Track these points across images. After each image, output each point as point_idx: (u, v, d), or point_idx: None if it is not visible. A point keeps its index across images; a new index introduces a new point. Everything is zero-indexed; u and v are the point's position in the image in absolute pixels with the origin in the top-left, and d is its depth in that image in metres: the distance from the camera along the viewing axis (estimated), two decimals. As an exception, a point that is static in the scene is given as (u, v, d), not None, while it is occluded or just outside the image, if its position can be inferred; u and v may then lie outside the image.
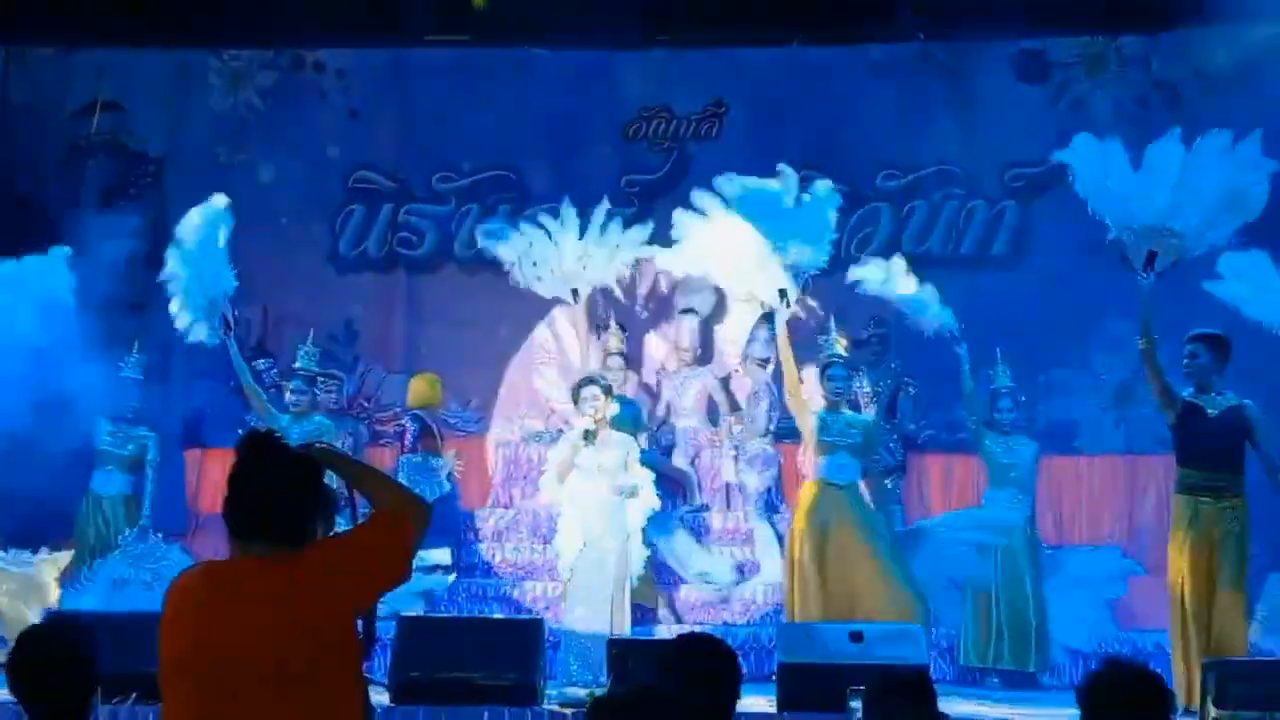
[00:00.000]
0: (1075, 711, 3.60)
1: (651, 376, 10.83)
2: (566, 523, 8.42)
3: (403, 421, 10.11)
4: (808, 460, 8.71)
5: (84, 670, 3.36)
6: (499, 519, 10.02)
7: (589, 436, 8.28)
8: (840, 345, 8.71)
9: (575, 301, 10.09)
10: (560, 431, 10.03)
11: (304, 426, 8.55)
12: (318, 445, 3.29)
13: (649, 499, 8.47)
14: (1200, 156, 7.54)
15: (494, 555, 9.72)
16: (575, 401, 8.56)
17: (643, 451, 10.05)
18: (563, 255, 10.02)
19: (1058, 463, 9.93)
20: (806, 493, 8.41)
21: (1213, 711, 6.58)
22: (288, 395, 9.00)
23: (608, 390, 8.55)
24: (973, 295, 10.61)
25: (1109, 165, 7.72)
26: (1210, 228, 7.60)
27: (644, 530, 8.47)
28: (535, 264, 10.02)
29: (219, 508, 3.07)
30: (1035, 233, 10.79)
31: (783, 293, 8.48)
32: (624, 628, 8.10)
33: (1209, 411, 7.53)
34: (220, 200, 8.55)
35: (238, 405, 9.75)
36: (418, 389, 10.05)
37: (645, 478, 8.51)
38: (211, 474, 9.97)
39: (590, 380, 8.64)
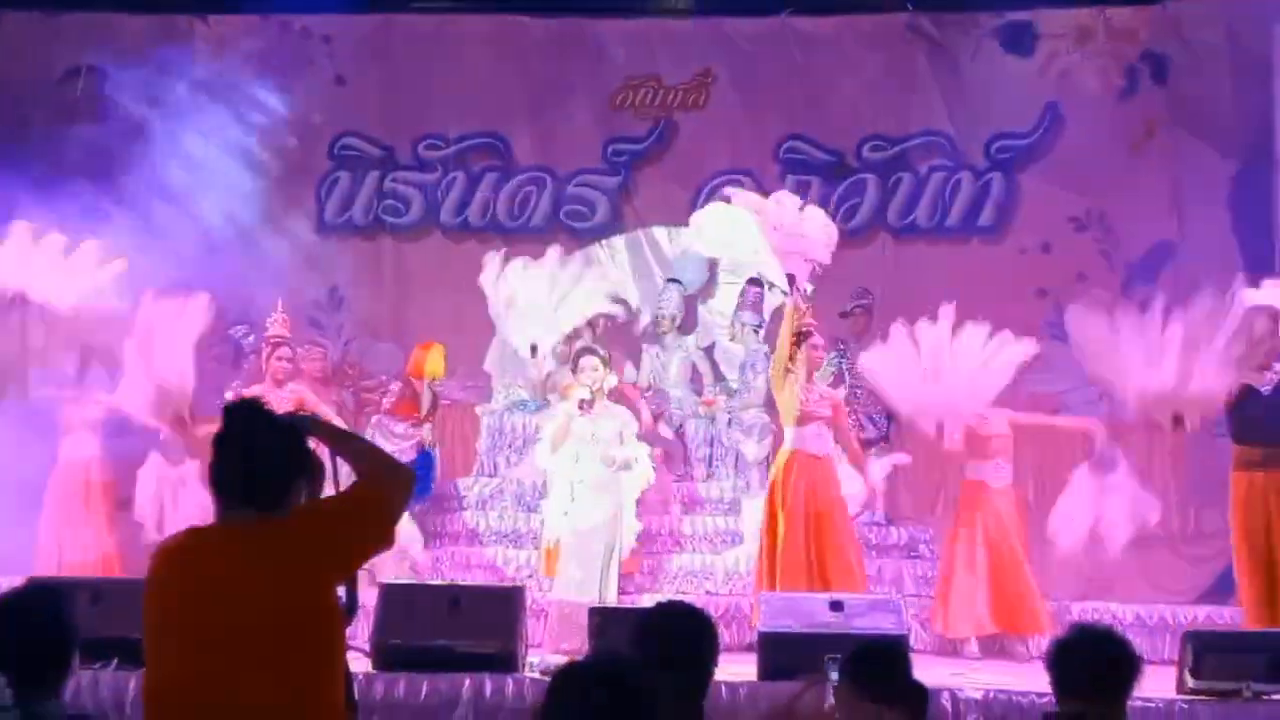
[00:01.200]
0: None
1: (633, 344, 10.80)
2: (556, 492, 8.47)
3: (391, 385, 10.08)
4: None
5: (62, 636, 3.36)
6: (483, 487, 10.01)
7: (583, 406, 8.29)
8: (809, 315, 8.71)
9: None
10: (546, 400, 10.02)
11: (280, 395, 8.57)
12: (301, 414, 3.31)
13: (644, 472, 8.51)
14: None
15: (478, 523, 9.72)
16: (574, 370, 8.58)
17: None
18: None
19: (1039, 433, 9.95)
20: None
21: (1190, 681, 6.63)
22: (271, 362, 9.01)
23: (606, 361, 8.56)
24: (958, 267, 10.66)
25: None
26: None
27: (636, 503, 8.51)
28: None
29: None
30: (1022, 204, 10.79)
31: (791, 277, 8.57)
32: (610, 598, 8.13)
33: (1262, 389, 7.68)
34: None
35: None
36: (417, 358, 10.00)
37: (641, 450, 8.55)
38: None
39: (589, 350, 8.64)
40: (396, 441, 9.28)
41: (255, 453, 3.03)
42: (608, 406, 8.46)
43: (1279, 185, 9.85)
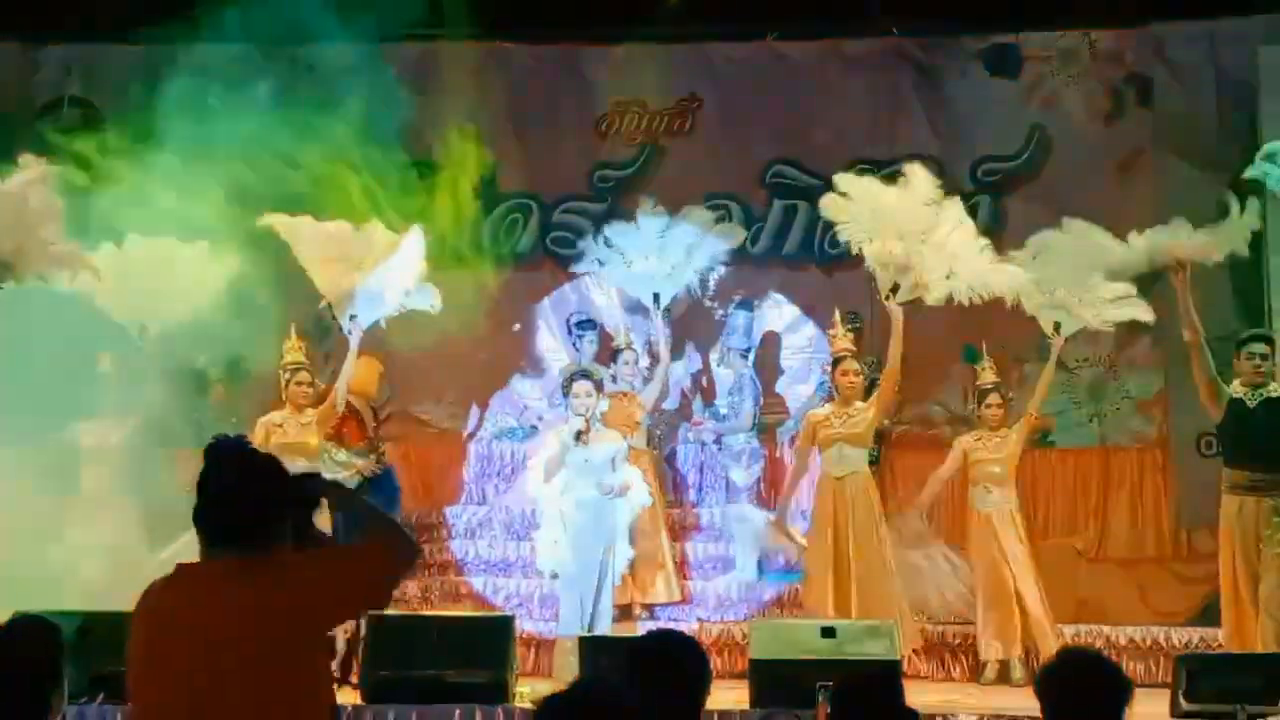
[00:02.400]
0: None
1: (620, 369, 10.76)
2: (549, 520, 8.37)
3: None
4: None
5: (49, 669, 3.33)
6: (472, 515, 9.98)
7: (580, 437, 8.22)
8: (847, 339, 8.84)
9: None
10: (534, 428, 9.99)
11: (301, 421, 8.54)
12: (313, 474, 3.33)
13: (639, 496, 8.40)
14: None
15: (467, 552, 9.68)
16: (565, 394, 8.50)
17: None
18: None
19: (1032, 456, 9.94)
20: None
21: (1183, 704, 6.60)
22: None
23: (599, 385, 8.49)
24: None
25: None
26: None
27: (630, 529, 8.41)
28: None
29: None
30: (1009, 227, 10.78)
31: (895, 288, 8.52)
32: (603, 627, 8.04)
33: (1251, 406, 7.64)
34: None
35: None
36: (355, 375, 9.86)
37: (635, 475, 8.46)
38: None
39: (583, 375, 8.54)
40: (341, 470, 8.90)
41: (236, 495, 3.02)
42: (600, 431, 8.38)
43: (1266, 205, 9.83)
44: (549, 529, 8.37)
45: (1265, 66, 9.88)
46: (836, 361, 8.75)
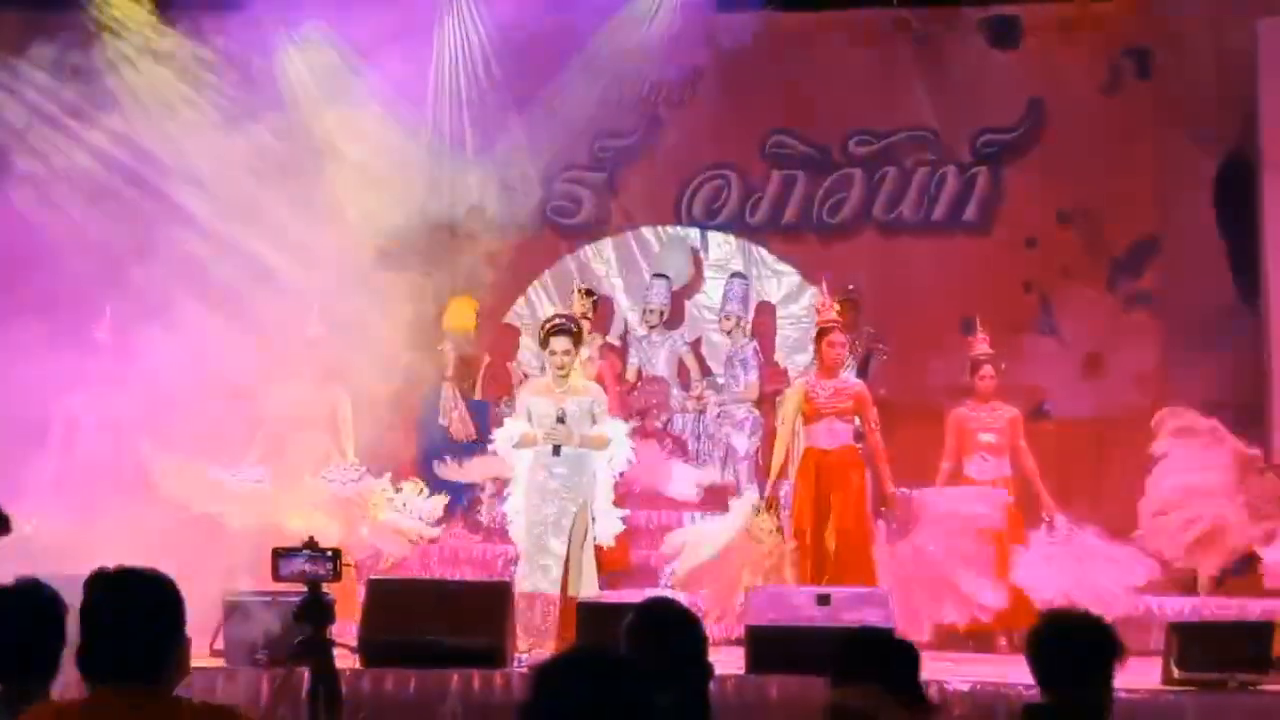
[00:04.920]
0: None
1: (618, 340, 10.83)
2: (518, 480, 7.99)
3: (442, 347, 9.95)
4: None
5: (53, 631, 3.35)
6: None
7: (557, 451, 7.77)
8: (833, 310, 8.79)
9: None
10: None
11: None
12: None
13: (620, 452, 7.99)
14: None
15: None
16: (543, 347, 8.05)
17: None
18: None
19: (1027, 428, 9.97)
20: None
21: (1175, 672, 6.66)
22: None
23: (578, 339, 8.07)
24: (944, 261, 10.69)
25: None
26: None
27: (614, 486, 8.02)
28: None
29: None
30: (1007, 199, 10.80)
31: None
32: (584, 590, 7.70)
33: None
34: None
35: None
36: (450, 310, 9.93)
37: (618, 428, 8.10)
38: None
39: (561, 329, 7.98)
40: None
41: (126, 623, 2.85)
42: (579, 384, 7.96)
43: (1263, 179, 9.87)
44: (519, 489, 7.99)
45: (1264, 38, 9.88)
46: (822, 332, 8.67)
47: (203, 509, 8.28)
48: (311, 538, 3.88)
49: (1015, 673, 6.65)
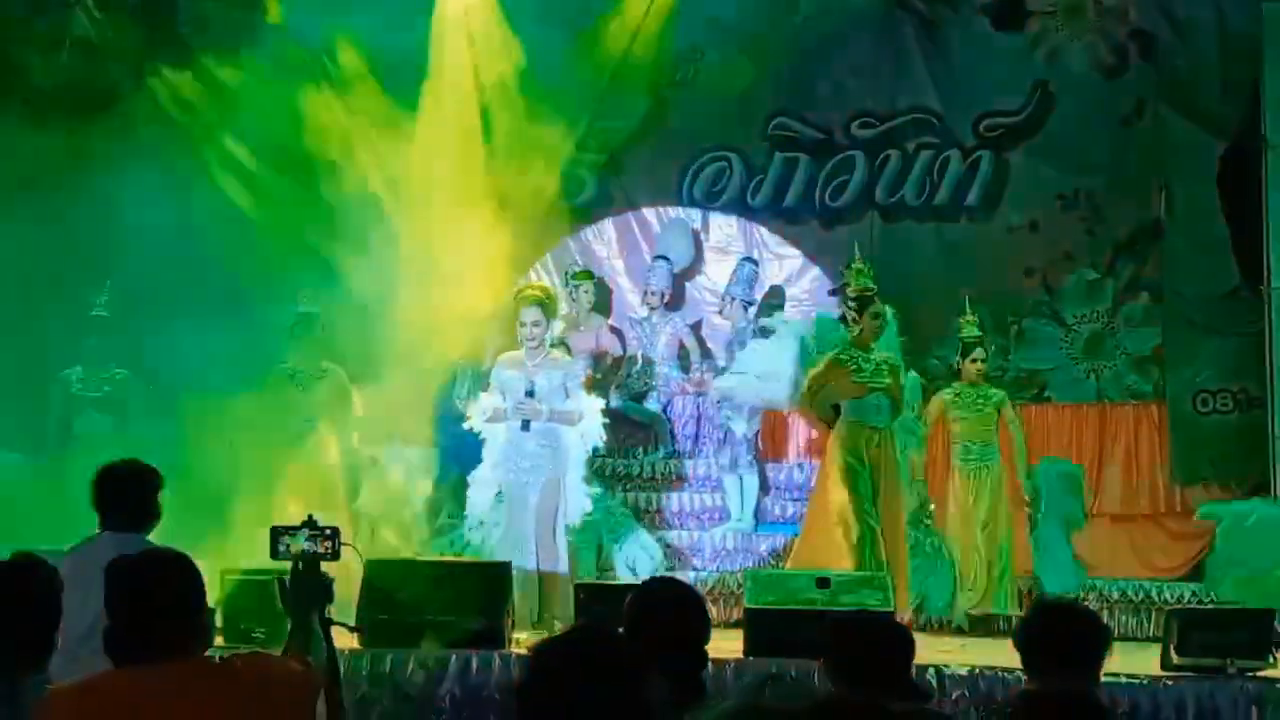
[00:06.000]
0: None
1: (622, 322, 10.80)
2: (489, 453, 7.90)
3: None
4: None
5: (49, 605, 3.34)
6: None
7: (526, 426, 7.66)
8: (869, 276, 8.46)
9: None
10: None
11: None
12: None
13: (593, 428, 7.90)
14: None
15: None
16: (517, 315, 7.82)
17: (614, 398, 10.07)
18: None
19: (1029, 411, 9.98)
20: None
21: (1174, 658, 6.66)
22: None
23: (550, 310, 7.87)
24: (946, 244, 10.67)
25: None
26: None
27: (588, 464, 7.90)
28: None
29: None
30: (1010, 183, 10.77)
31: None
32: (555, 567, 7.62)
33: None
34: None
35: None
36: None
37: (591, 404, 7.96)
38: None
39: (534, 300, 7.80)
40: None
41: (154, 599, 2.94)
42: (551, 356, 7.82)
43: (1267, 163, 9.83)
44: (489, 464, 7.96)
45: (1269, 21, 9.85)
46: (864, 301, 8.24)
47: None
48: (311, 515, 3.86)
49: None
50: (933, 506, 8.80)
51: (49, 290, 9.65)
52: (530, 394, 7.60)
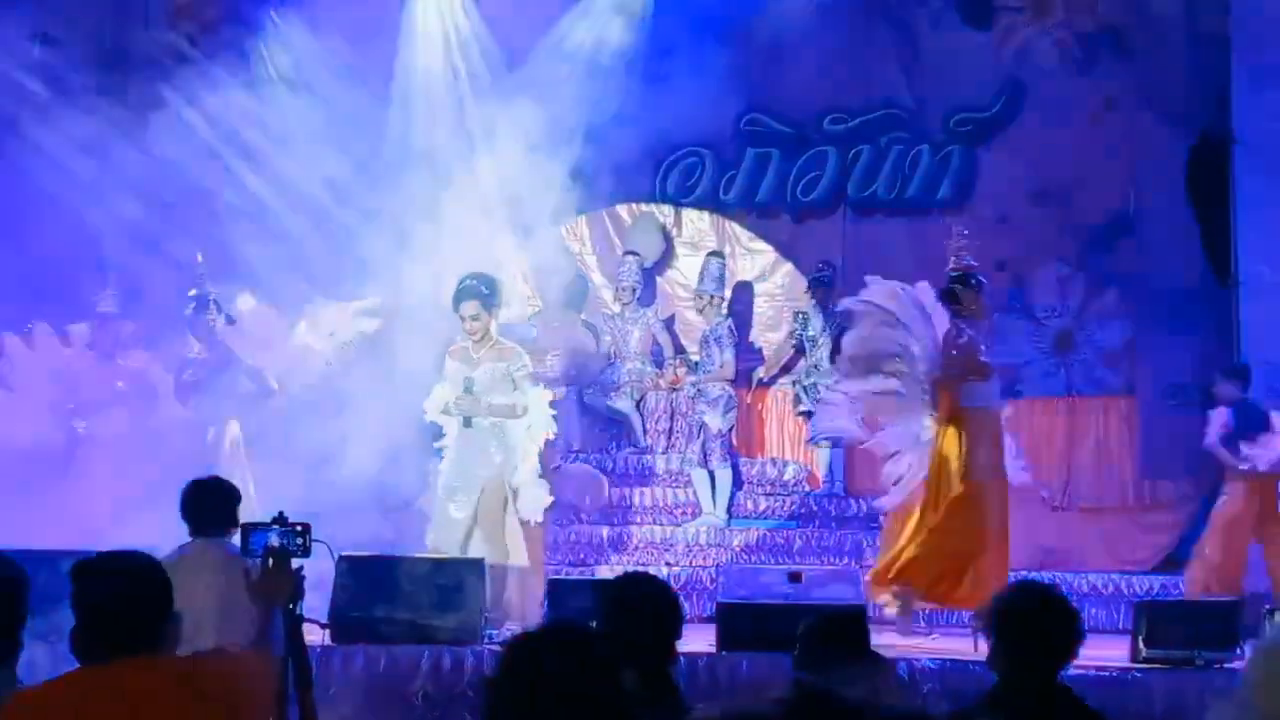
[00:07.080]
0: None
1: (595, 318, 10.80)
2: (448, 446, 7.81)
3: None
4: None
5: (13, 601, 3.31)
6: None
7: (469, 423, 7.60)
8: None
9: None
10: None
11: None
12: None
13: (539, 420, 7.78)
14: None
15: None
16: (455, 308, 7.69)
17: (587, 394, 10.08)
18: None
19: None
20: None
21: (1143, 650, 6.70)
22: None
23: (489, 304, 7.68)
24: (918, 239, 10.69)
25: None
26: None
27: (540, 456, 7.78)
28: None
29: None
30: (980, 177, 10.81)
31: None
32: (505, 561, 7.52)
33: None
34: None
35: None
36: None
37: (536, 396, 7.84)
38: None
39: (471, 293, 7.63)
40: None
41: (120, 607, 2.95)
42: (495, 347, 7.68)
43: (1236, 158, 9.90)
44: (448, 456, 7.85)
45: (1237, 18, 9.90)
46: (964, 278, 8.16)
47: None
48: (281, 513, 3.86)
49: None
50: None
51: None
52: (468, 390, 7.56)
